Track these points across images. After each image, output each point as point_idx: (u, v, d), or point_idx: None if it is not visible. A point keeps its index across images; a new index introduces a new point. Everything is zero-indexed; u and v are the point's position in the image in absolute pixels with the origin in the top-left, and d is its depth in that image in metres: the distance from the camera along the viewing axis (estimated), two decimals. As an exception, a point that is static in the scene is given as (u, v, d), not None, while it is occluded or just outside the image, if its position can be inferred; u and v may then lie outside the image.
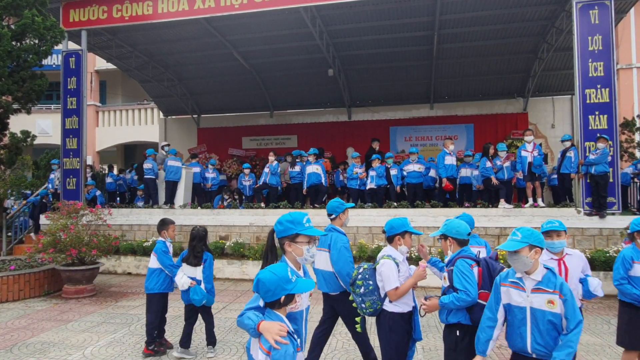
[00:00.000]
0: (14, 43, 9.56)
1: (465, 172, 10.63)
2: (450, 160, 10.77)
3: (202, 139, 17.95)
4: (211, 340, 5.44)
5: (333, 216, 4.40)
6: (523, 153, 10.13)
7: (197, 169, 13.06)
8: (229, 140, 17.34)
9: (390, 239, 3.69)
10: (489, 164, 10.52)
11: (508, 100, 15.81)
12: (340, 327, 6.43)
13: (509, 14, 11.98)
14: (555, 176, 11.25)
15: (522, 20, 12.38)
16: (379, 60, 14.66)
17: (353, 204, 4.87)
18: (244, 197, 12.92)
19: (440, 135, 15.55)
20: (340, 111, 17.02)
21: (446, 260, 3.50)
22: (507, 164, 10.47)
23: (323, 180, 11.27)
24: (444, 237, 3.49)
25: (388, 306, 3.55)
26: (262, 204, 11.55)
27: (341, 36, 13.37)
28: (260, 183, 11.85)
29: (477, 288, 3.23)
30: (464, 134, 15.77)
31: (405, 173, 11.30)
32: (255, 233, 10.79)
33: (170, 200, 12.07)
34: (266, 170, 11.75)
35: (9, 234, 12.94)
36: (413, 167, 11.12)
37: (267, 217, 10.73)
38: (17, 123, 12.24)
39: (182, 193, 12.29)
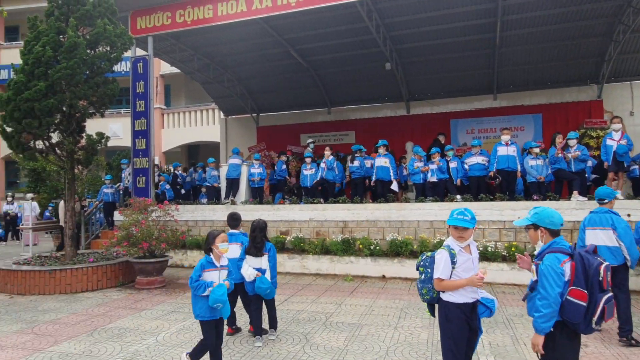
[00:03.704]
0: (88, 51, 10.21)
1: (533, 163, 9.96)
2: (504, 151, 10.21)
3: (262, 137, 18.32)
4: (273, 324, 5.63)
5: (606, 201, 5.51)
6: (609, 142, 9.25)
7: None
8: (288, 137, 17.55)
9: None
10: (559, 154, 9.86)
11: (580, 87, 14.77)
12: (402, 321, 6.33)
13: (579, -6, 11.21)
14: (636, 167, 10.41)
15: (595, 0, 11.53)
16: (438, 51, 14.23)
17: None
18: (302, 193, 12.94)
19: (506, 127, 14.84)
20: (398, 105, 16.72)
21: (535, 252, 3.24)
22: (578, 153, 9.77)
23: (392, 174, 11.11)
24: (535, 226, 3.19)
25: (444, 295, 3.51)
26: (322, 200, 11.58)
27: (398, 29, 13.12)
28: (318, 179, 11.85)
29: (564, 287, 2.94)
30: (532, 125, 14.96)
31: (467, 166, 10.88)
32: (315, 228, 10.85)
33: (229, 196, 12.45)
34: (322, 165, 11.74)
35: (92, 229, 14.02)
36: (476, 159, 10.67)
37: (326, 212, 10.76)
38: (91, 128, 13.02)
39: (244, 190, 12.64)
